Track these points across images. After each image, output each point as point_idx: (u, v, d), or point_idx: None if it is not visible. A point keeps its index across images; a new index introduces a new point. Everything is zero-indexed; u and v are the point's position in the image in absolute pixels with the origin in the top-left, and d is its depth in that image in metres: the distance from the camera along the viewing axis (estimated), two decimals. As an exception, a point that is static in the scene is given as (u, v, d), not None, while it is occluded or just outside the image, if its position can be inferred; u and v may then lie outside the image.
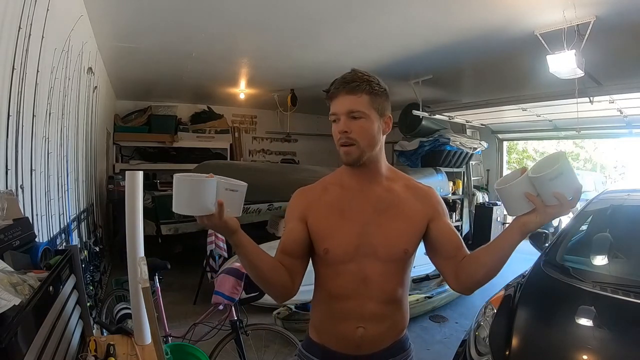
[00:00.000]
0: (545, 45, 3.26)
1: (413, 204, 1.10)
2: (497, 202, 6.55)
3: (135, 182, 1.42)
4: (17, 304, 0.78)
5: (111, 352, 1.27)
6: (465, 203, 6.68)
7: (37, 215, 1.80)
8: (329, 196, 1.12)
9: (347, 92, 1.01)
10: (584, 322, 1.75)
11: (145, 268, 1.23)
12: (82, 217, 3.21)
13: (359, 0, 2.99)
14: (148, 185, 6.00)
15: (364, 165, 1.06)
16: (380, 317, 1.07)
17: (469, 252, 1.07)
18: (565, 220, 2.83)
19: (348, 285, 1.05)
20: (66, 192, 2.52)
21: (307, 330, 1.18)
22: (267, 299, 2.74)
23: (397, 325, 1.13)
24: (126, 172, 1.45)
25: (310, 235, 1.08)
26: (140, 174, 1.44)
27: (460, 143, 6.06)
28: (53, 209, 2.18)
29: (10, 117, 1.48)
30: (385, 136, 1.10)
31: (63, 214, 2.41)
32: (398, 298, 1.10)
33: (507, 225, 1.09)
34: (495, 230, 6.01)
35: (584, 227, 2.63)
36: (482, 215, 6.09)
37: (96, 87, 3.83)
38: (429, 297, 3.80)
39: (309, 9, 3.16)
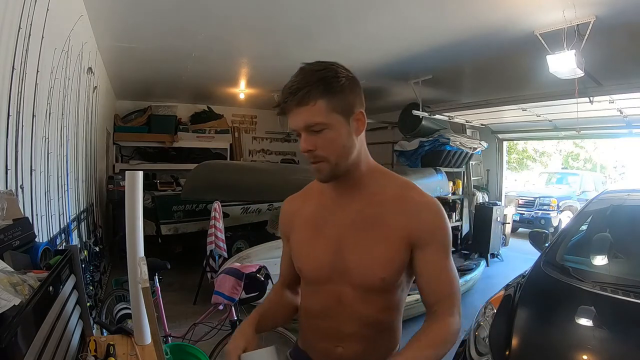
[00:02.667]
0: (545, 45, 3.26)
1: (398, 219, 0.90)
2: (497, 202, 6.56)
3: (135, 182, 1.42)
4: (17, 304, 0.78)
5: (111, 352, 1.27)
6: (465, 203, 6.68)
7: (37, 215, 1.80)
8: (307, 208, 1.01)
9: (297, 105, 0.84)
10: (584, 322, 1.75)
11: (145, 268, 1.22)
12: (82, 217, 3.21)
13: (359, 1, 2.99)
14: (148, 185, 5.99)
15: (342, 177, 0.92)
16: (360, 338, 0.96)
17: (445, 310, 0.90)
18: (565, 221, 2.83)
19: (325, 304, 0.97)
20: (66, 192, 2.52)
21: (297, 336, 1.15)
22: (267, 299, 2.75)
23: (383, 347, 0.99)
24: (126, 172, 1.45)
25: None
26: (140, 174, 1.44)
27: (460, 143, 6.06)
28: (53, 209, 2.18)
29: (10, 117, 1.48)
30: (362, 136, 0.92)
31: (63, 214, 2.41)
32: (382, 322, 0.97)
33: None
34: (495, 230, 6.01)
35: (584, 227, 2.64)
36: (482, 215, 6.08)
37: (96, 87, 3.83)
38: (429, 297, 3.78)
39: (309, 9, 3.16)
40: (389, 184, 0.95)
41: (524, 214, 8.56)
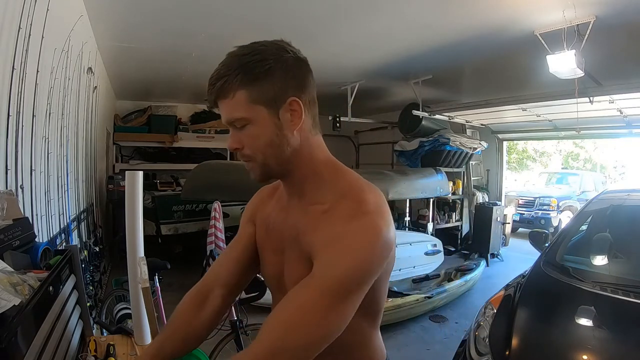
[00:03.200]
0: (545, 45, 3.26)
1: (315, 234, 0.73)
2: (497, 202, 6.56)
3: (135, 182, 1.42)
4: (17, 304, 0.78)
5: (111, 352, 1.27)
6: (465, 203, 6.69)
7: (37, 215, 1.80)
8: (267, 208, 0.90)
9: (218, 97, 0.73)
10: (584, 322, 1.75)
11: (145, 268, 1.23)
12: (82, 217, 3.21)
13: (359, 0, 2.99)
14: (148, 185, 6.00)
15: (282, 177, 0.81)
16: (328, 351, 0.72)
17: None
18: (565, 221, 2.83)
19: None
20: (66, 192, 2.51)
21: None
22: (267, 299, 2.75)
23: (363, 358, 0.85)
24: (126, 172, 1.45)
25: None
26: (140, 174, 1.44)
27: (460, 143, 6.06)
28: (53, 209, 2.18)
29: (10, 117, 1.48)
30: (306, 129, 0.76)
31: (63, 214, 2.41)
32: (343, 344, 0.74)
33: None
34: (495, 230, 6.01)
35: (584, 227, 2.64)
36: (482, 215, 6.08)
37: (96, 87, 3.83)
38: (429, 297, 3.80)
39: (309, 9, 3.16)
40: (332, 190, 0.76)
41: (524, 214, 8.57)
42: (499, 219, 6.10)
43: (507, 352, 1.70)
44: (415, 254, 4.99)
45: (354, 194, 0.73)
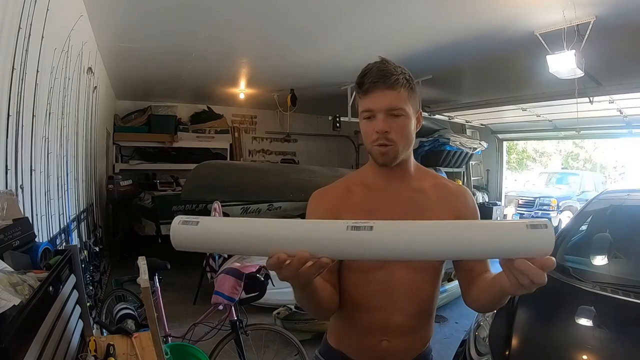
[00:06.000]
0: (545, 45, 3.26)
1: (443, 205, 0.98)
2: (497, 202, 6.56)
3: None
4: (17, 304, 0.78)
5: (111, 352, 1.27)
6: (465, 203, 6.68)
7: (37, 215, 1.80)
8: (354, 197, 1.00)
9: (386, 87, 0.90)
10: (584, 322, 1.75)
11: (145, 268, 1.23)
12: (82, 217, 3.21)
13: (359, 0, 2.99)
14: (148, 186, 6.00)
15: (396, 165, 0.96)
16: (407, 331, 0.98)
17: (490, 270, 0.93)
18: (565, 221, 2.84)
19: (375, 295, 0.95)
20: (66, 192, 2.52)
21: (325, 334, 1.11)
22: (267, 299, 2.75)
23: (423, 338, 1.04)
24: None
25: None
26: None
27: (460, 143, 6.07)
28: (53, 209, 2.18)
29: (10, 117, 1.47)
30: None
31: (63, 214, 2.41)
32: (428, 310, 1.01)
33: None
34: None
35: (584, 227, 2.64)
36: (482, 215, 6.07)
37: (96, 87, 3.83)
38: (429, 297, 3.79)
39: (309, 9, 3.16)
40: (426, 177, 1.04)
41: (523, 214, 8.56)
42: (499, 219, 6.10)
43: (507, 352, 1.70)
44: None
45: (440, 176, 1.09)
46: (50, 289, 1.00)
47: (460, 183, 6.53)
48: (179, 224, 0.74)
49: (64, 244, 2.32)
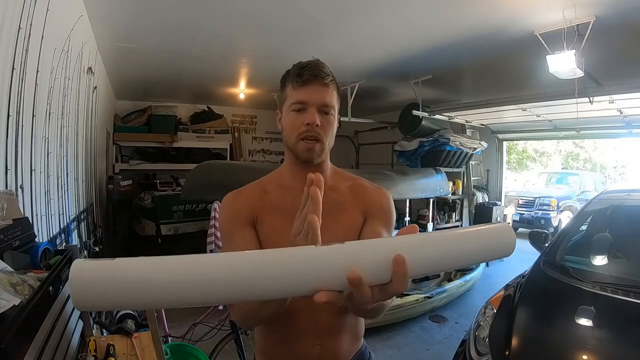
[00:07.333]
0: (545, 45, 3.26)
1: (357, 202, 0.99)
2: (497, 202, 6.56)
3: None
4: (17, 304, 0.78)
5: (111, 352, 1.27)
6: (465, 203, 6.68)
7: (36, 215, 1.80)
8: (270, 197, 0.98)
9: (323, 84, 0.92)
10: (584, 322, 1.75)
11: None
12: (82, 217, 3.21)
13: (359, 0, 2.99)
14: (148, 186, 6.00)
15: (315, 165, 0.96)
16: (337, 330, 0.96)
17: None
18: (565, 221, 2.83)
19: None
20: (66, 192, 2.51)
21: (254, 354, 1.05)
22: (267, 299, 2.74)
23: (356, 335, 1.02)
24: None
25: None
26: None
27: (460, 143, 6.06)
28: (53, 209, 2.18)
29: (10, 117, 1.48)
30: None
31: (63, 214, 2.41)
32: None
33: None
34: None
35: (584, 227, 2.64)
36: (482, 215, 6.08)
37: (96, 87, 3.83)
38: (429, 297, 3.80)
39: (309, 9, 3.16)
40: (343, 177, 1.06)
41: (523, 214, 8.56)
42: (498, 219, 6.10)
43: (507, 352, 1.70)
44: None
45: (359, 178, 1.06)
46: (50, 289, 1.00)
47: (460, 183, 6.53)
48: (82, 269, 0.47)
49: (64, 244, 2.32)
